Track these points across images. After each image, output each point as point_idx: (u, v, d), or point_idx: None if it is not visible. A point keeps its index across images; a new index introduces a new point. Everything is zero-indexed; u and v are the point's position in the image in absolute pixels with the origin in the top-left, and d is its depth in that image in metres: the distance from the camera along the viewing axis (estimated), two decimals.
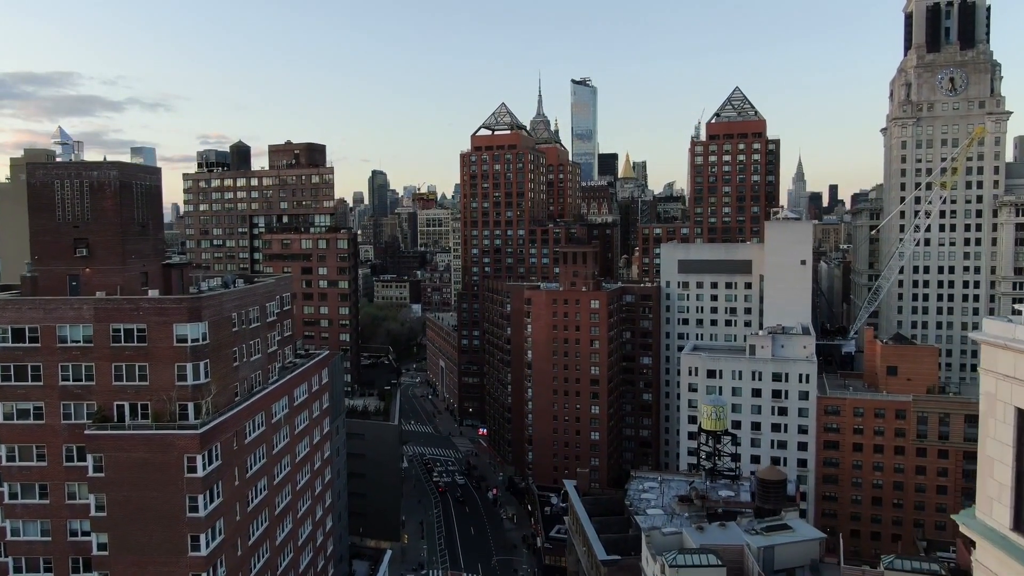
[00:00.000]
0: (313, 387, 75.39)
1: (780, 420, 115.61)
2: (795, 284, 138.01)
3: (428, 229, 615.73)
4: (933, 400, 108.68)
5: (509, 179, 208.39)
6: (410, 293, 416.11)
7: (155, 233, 61.40)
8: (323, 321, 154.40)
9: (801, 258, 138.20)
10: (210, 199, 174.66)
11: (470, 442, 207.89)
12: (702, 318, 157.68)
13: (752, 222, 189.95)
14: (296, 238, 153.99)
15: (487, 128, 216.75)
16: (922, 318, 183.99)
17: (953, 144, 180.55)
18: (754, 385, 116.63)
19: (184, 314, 52.72)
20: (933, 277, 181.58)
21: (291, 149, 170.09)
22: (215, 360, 54.85)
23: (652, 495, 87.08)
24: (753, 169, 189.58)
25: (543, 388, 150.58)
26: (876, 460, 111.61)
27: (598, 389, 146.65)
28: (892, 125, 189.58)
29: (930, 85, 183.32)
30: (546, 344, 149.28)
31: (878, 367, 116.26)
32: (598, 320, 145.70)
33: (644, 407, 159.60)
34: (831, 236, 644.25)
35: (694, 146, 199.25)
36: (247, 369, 60.36)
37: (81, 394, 53.77)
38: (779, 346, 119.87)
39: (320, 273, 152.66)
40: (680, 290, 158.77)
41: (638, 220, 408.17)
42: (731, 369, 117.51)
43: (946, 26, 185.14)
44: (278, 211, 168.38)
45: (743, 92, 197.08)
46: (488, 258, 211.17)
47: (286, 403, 66.74)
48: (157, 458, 50.82)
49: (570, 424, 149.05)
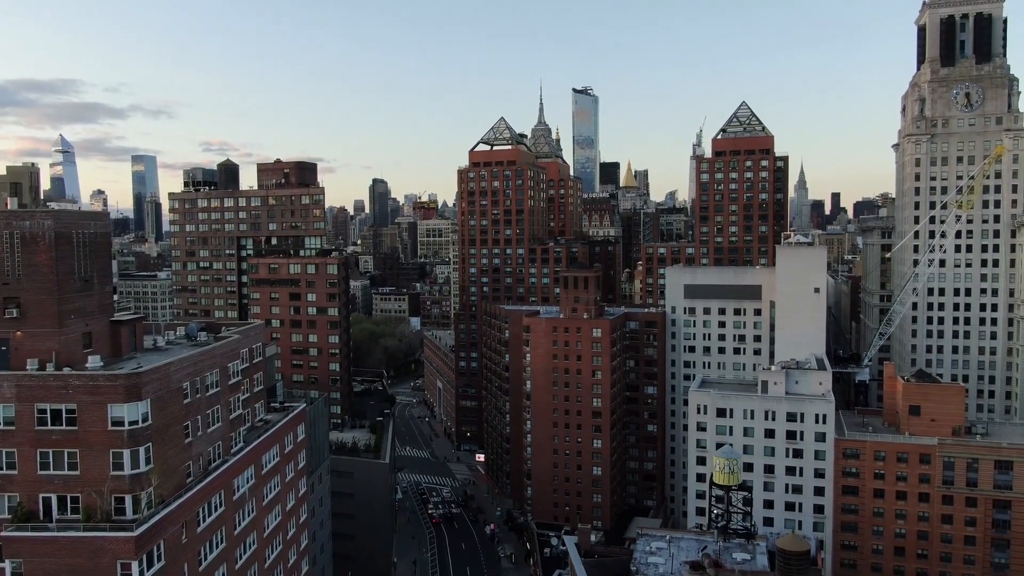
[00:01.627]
0: (287, 447, 68.36)
1: (795, 463, 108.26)
2: (808, 313, 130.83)
3: (428, 240, 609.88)
4: (960, 444, 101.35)
5: (508, 196, 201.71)
6: (409, 306, 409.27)
7: (101, 287, 54.47)
8: (312, 350, 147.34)
9: (814, 285, 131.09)
10: (196, 219, 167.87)
11: (468, 469, 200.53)
12: (709, 346, 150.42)
13: (760, 242, 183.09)
14: (284, 262, 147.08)
15: (486, 143, 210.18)
16: (937, 342, 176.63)
17: (969, 161, 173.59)
18: (767, 425, 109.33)
19: (120, 393, 45.65)
20: (949, 300, 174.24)
21: (280, 168, 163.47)
22: (160, 442, 47.75)
23: (661, 558, 79.86)
24: (761, 187, 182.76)
25: (542, 420, 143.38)
26: (899, 507, 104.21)
27: (600, 422, 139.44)
28: (905, 141, 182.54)
29: (945, 100, 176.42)
30: (546, 374, 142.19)
31: (899, 405, 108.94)
32: (600, 349, 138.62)
33: (649, 439, 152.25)
34: (835, 247, 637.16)
35: (699, 163, 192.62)
36: (203, 443, 53.31)
37: (1, 484, 46.71)
38: (793, 382, 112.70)
39: (309, 299, 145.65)
40: (686, 316, 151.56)
41: (640, 233, 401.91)
42: (742, 408, 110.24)
43: (961, 39, 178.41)
44: (267, 232, 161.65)
45: (750, 107, 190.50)
46: (487, 277, 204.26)
47: (252, 473, 59.69)
48: (86, 565, 43.64)
49: (571, 458, 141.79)
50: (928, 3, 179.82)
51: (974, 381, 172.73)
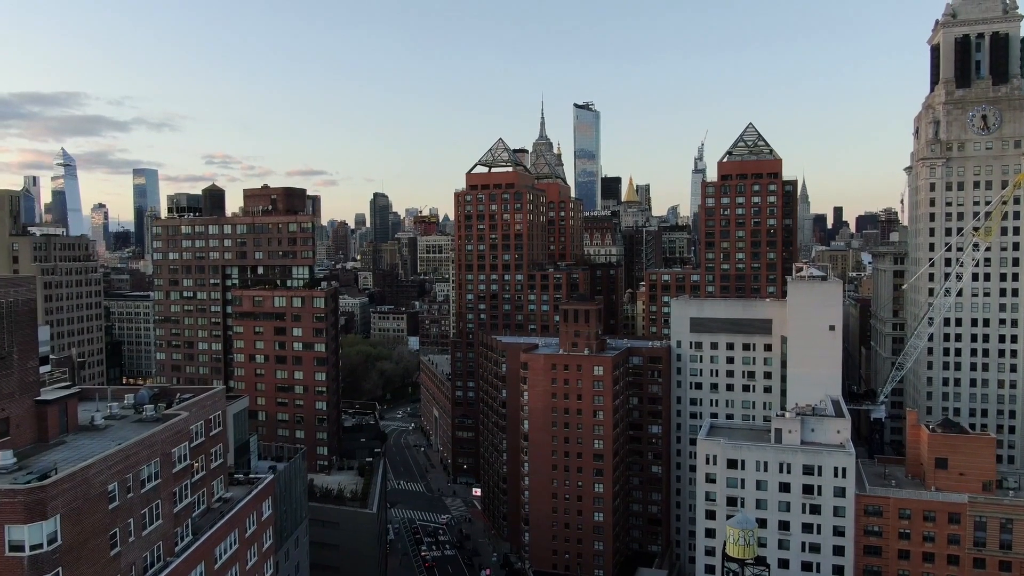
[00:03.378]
0: (249, 528, 60.69)
1: (812, 519, 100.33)
2: (823, 352, 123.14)
3: (428, 256, 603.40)
4: (993, 503, 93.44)
5: (507, 220, 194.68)
6: (407, 325, 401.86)
7: (23, 363, 47.10)
8: (297, 387, 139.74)
9: (830, 322, 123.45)
10: (180, 247, 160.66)
11: (463, 504, 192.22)
12: (717, 382, 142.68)
13: (768, 269, 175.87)
14: (269, 295, 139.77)
15: (484, 165, 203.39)
16: (954, 375, 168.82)
17: (986, 187, 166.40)
18: (782, 478, 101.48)
19: (20, 513, 37.75)
20: (966, 331, 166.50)
21: (268, 194, 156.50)
22: (75, 563, 39.82)
23: None
24: (769, 212, 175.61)
25: (541, 462, 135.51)
26: (926, 570, 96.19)
27: (602, 465, 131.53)
28: (919, 165, 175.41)
29: (960, 123, 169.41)
30: (544, 413, 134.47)
31: (924, 457, 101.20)
32: (602, 388, 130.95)
33: (653, 480, 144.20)
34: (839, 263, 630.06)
35: (704, 187, 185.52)
36: (138, 550, 45.52)
37: None
38: (809, 430, 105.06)
39: (295, 334, 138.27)
40: (692, 351, 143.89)
41: (643, 252, 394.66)
42: (755, 459, 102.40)
43: (976, 59, 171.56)
44: (252, 261, 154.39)
45: (756, 129, 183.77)
46: (484, 304, 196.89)
47: (203, 570, 51.99)
48: None
49: (571, 503, 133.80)
50: (942, 22, 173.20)
51: (993, 416, 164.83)
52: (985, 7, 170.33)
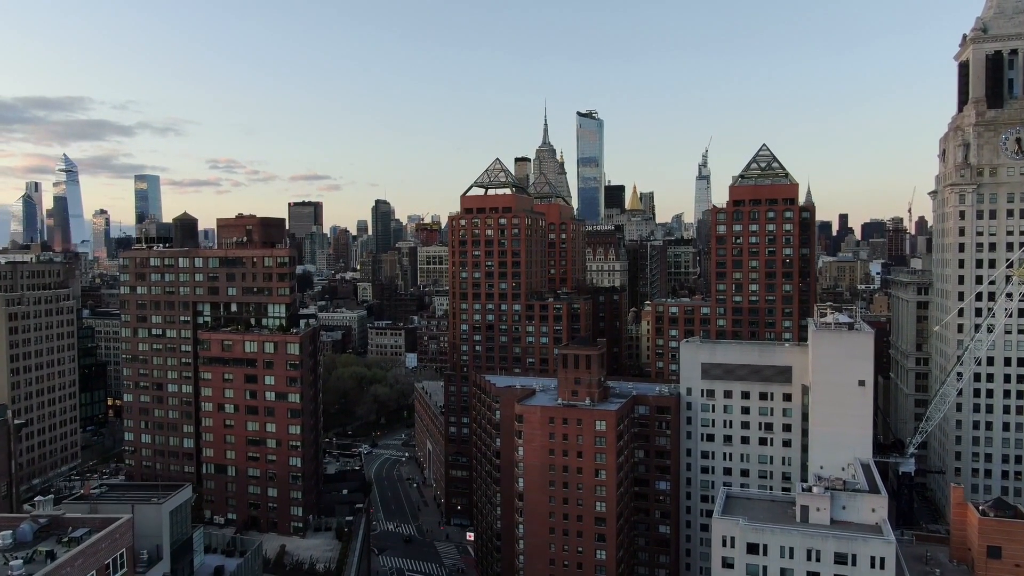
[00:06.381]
0: None
1: None
2: (850, 410, 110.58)
3: (429, 267, 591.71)
4: None
5: (504, 246, 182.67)
6: (406, 342, 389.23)
7: None
8: (270, 440, 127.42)
9: (859, 377, 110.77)
10: (149, 281, 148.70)
11: (456, 551, 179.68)
12: (731, 434, 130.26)
13: (784, 302, 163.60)
14: (239, 339, 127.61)
15: (480, 186, 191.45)
16: (985, 418, 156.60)
17: (1021, 215, 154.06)
18: (810, 567, 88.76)
19: None
20: (998, 370, 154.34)
21: (243, 224, 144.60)
22: None
23: None
24: (785, 241, 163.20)
25: (538, 525, 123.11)
26: None
27: (604, 530, 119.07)
28: (947, 191, 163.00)
29: (992, 146, 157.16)
30: (541, 471, 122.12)
31: (973, 543, 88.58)
32: (605, 445, 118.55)
33: (661, 541, 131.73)
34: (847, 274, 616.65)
35: (715, 212, 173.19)
36: None
37: None
38: (840, 507, 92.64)
39: (267, 383, 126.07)
40: (704, 399, 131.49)
41: (648, 267, 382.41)
42: (779, 544, 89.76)
43: (1010, 77, 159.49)
44: (225, 298, 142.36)
45: (771, 150, 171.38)
46: (479, 335, 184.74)
47: None
48: None
49: (570, 570, 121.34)
50: (971, 37, 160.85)
51: None
52: (1019, 21, 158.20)
